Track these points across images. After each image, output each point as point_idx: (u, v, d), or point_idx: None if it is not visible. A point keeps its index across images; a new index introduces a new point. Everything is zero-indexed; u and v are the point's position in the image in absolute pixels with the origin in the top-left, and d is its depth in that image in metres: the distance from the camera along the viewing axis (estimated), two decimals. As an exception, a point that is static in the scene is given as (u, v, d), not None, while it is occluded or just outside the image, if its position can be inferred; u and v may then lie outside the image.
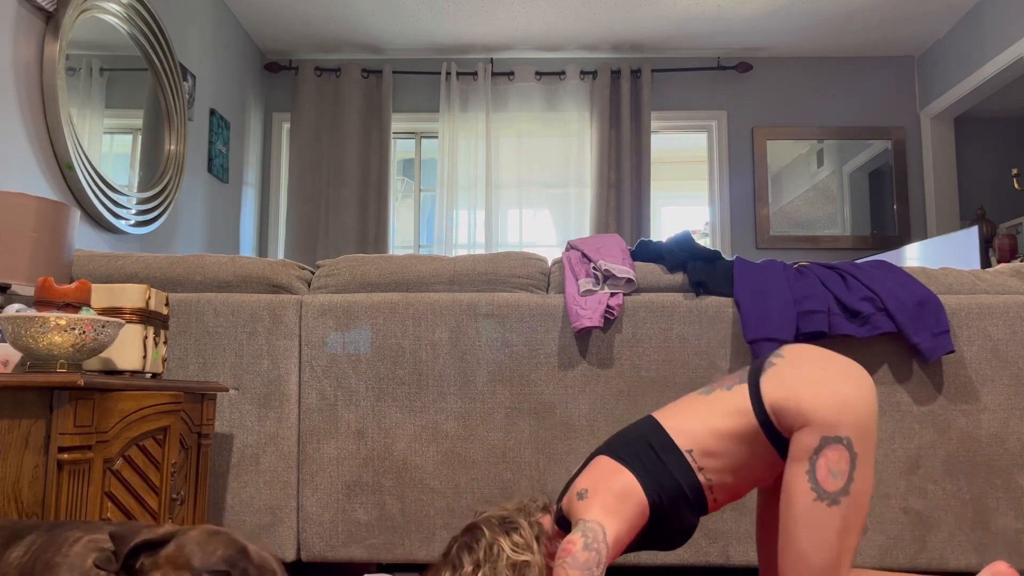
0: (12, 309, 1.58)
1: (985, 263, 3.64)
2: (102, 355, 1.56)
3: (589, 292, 1.93)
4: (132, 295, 1.59)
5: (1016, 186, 4.93)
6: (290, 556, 1.92)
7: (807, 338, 1.88)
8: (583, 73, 4.89)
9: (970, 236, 3.63)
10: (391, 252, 4.89)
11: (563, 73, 4.90)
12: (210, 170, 4.14)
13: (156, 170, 3.49)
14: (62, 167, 2.77)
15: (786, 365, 1.39)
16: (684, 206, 7.02)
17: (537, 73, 4.91)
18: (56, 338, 1.34)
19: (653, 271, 2.01)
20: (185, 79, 3.81)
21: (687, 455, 1.39)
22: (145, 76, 3.41)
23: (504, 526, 1.37)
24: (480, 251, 4.16)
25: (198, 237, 4.00)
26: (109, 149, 3.11)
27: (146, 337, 1.60)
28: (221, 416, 1.95)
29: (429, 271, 2.02)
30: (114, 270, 2.02)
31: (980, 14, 4.24)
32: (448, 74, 4.91)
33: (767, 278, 1.94)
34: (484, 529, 1.37)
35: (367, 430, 1.93)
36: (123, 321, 1.46)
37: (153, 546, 0.96)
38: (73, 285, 1.42)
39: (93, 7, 2.94)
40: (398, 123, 5.03)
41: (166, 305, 1.69)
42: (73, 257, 2.01)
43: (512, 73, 4.92)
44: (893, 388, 1.92)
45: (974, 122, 5.40)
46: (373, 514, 1.91)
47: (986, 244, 4.11)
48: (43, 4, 2.63)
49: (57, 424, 1.26)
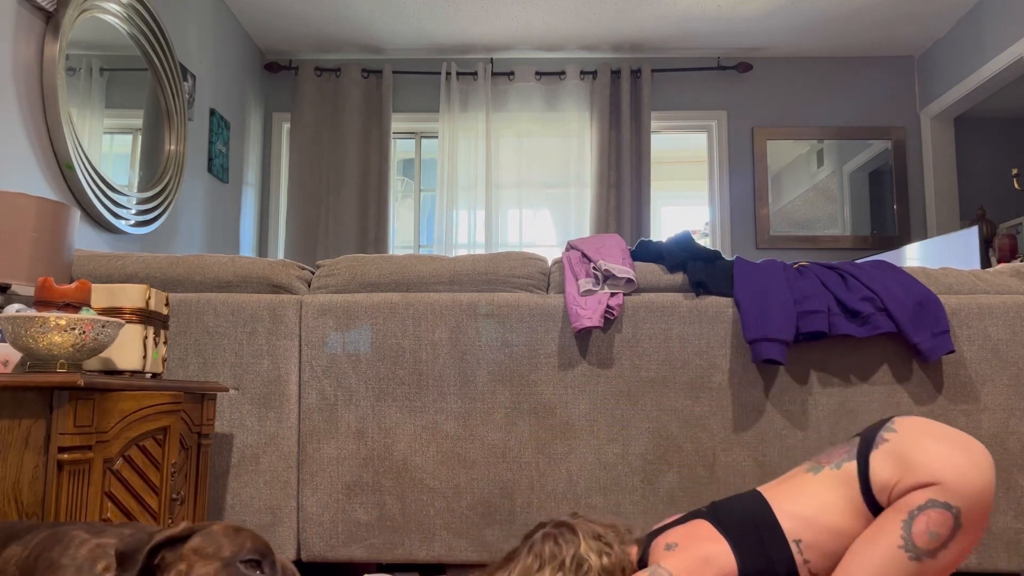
0: (12, 309, 1.58)
1: (985, 263, 3.64)
2: (102, 355, 1.56)
3: (589, 292, 1.93)
4: (132, 295, 1.59)
5: (1016, 186, 4.93)
6: (290, 556, 1.92)
7: (807, 338, 1.88)
8: (583, 73, 4.89)
9: (970, 236, 3.64)
10: (391, 252, 4.89)
11: (563, 73, 4.90)
12: (210, 170, 4.14)
13: (156, 170, 3.49)
14: (62, 167, 2.77)
15: (900, 440, 1.31)
16: (684, 206, 7.02)
17: (537, 73, 4.91)
18: (56, 338, 1.34)
19: (653, 271, 2.01)
20: (185, 79, 3.81)
21: (793, 545, 1.32)
22: (145, 76, 3.41)
23: (598, 543, 1.36)
24: (480, 251, 4.16)
25: (198, 237, 4.00)
26: (109, 149, 3.11)
27: (146, 337, 1.60)
28: (221, 416, 1.95)
29: (429, 271, 2.02)
30: (114, 270, 2.02)
31: (980, 14, 4.24)
32: (448, 74, 4.91)
33: (767, 278, 1.94)
34: (580, 537, 1.36)
35: (367, 430, 1.93)
36: (123, 321, 1.46)
37: (174, 542, 0.97)
38: (73, 285, 1.42)
39: (93, 7, 2.94)
40: (398, 123, 5.02)
41: (166, 305, 1.69)
42: (73, 257, 2.01)
43: (512, 73, 4.92)
44: (893, 388, 1.91)
45: (974, 122, 5.40)
46: (373, 514, 1.91)
47: (986, 244, 4.11)
48: (43, 4, 2.63)
49: (57, 424, 1.26)
